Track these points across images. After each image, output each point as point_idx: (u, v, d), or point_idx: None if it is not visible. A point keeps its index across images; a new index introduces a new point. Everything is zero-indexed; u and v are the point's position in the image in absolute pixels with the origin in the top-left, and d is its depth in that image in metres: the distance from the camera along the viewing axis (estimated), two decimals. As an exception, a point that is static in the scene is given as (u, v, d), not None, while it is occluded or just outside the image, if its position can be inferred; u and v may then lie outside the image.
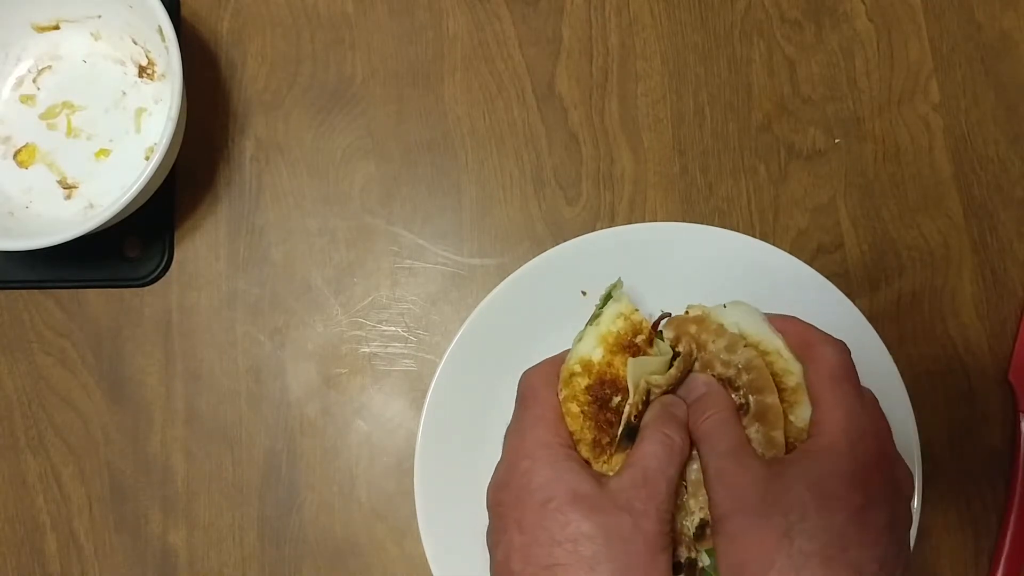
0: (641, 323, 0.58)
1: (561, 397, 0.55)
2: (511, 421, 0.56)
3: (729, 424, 0.52)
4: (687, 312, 0.59)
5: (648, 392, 0.55)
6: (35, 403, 0.71)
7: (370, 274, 0.73)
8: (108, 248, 0.72)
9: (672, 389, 0.56)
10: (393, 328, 0.72)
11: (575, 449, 0.53)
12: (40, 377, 0.71)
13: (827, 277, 0.67)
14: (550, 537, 0.48)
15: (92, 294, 0.72)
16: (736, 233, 0.68)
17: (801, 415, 0.55)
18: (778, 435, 0.54)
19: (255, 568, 0.69)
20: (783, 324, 0.57)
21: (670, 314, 0.64)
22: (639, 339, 0.58)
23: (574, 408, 0.55)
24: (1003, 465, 0.70)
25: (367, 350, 0.72)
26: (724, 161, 0.74)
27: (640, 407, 0.55)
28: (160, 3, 0.66)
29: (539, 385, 0.56)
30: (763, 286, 0.67)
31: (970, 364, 0.72)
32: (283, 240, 0.73)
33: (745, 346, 0.56)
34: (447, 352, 0.66)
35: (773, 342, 0.57)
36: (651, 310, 0.68)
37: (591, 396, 0.55)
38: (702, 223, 0.69)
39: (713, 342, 0.56)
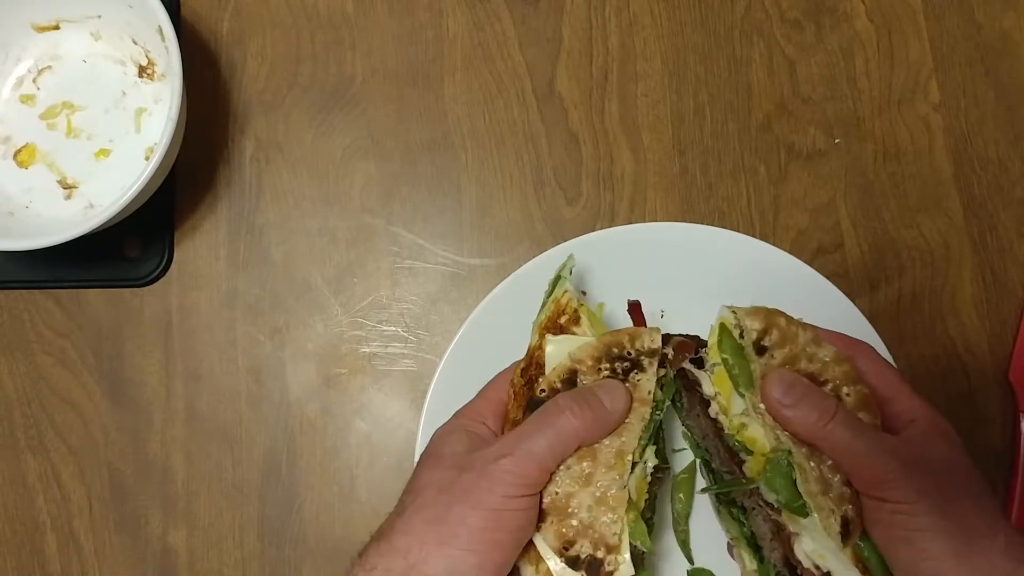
0: (568, 304, 0.59)
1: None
2: None
3: (859, 420, 0.54)
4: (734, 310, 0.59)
5: (573, 373, 0.56)
6: (35, 403, 0.71)
7: (370, 274, 0.73)
8: (108, 248, 0.72)
9: (620, 370, 0.56)
10: (393, 328, 0.72)
11: (488, 424, 0.56)
12: (40, 377, 0.71)
13: (827, 277, 0.67)
14: (408, 487, 0.54)
15: (92, 294, 0.72)
16: (736, 233, 0.68)
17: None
18: (880, 424, 0.55)
19: (255, 568, 0.69)
20: (817, 330, 0.59)
21: (638, 301, 0.64)
22: (562, 320, 0.59)
23: (510, 390, 0.57)
24: (1003, 465, 0.70)
25: (367, 350, 0.72)
26: (724, 161, 0.74)
27: (559, 385, 0.55)
28: (160, 3, 0.66)
29: (494, 380, 0.59)
30: (763, 286, 0.67)
31: (970, 364, 0.72)
32: (283, 240, 0.73)
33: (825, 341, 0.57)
34: (447, 352, 0.66)
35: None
36: (652, 309, 0.68)
37: (523, 378, 0.57)
38: (702, 223, 0.69)
39: (799, 336, 0.57)
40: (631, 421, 0.54)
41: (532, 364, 0.57)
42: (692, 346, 0.61)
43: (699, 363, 0.61)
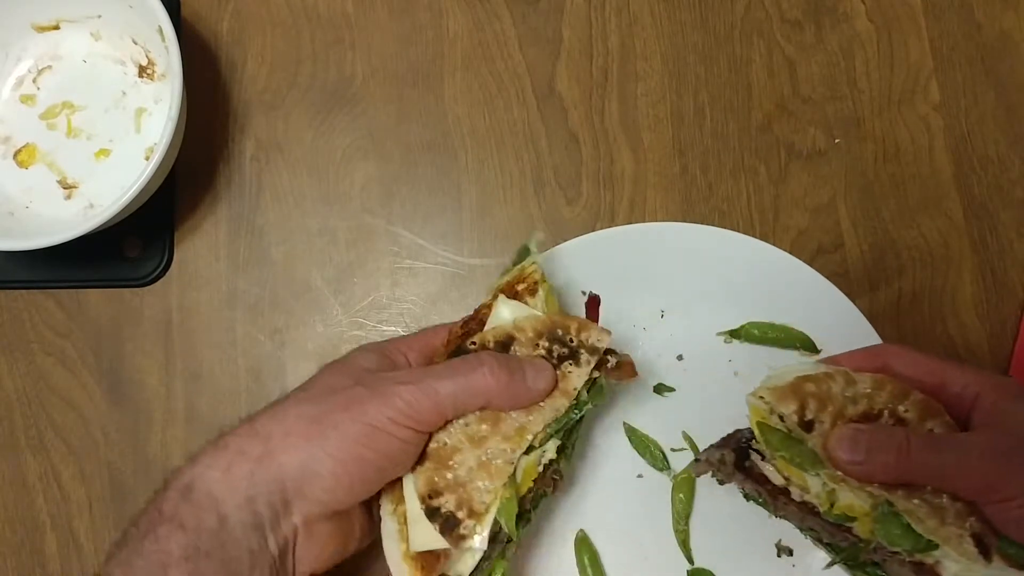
0: (530, 274, 0.59)
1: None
2: None
3: (925, 434, 0.53)
4: (769, 384, 0.56)
5: (510, 339, 0.56)
6: (35, 403, 0.71)
7: (370, 274, 0.73)
8: (108, 248, 0.72)
9: (557, 355, 0.56)
10: (393, 328, 0.72)
11: (408, 360, 0.57)
12: (40, 377, 0.71)
13: (827, 277, 0.67)
14: (303, 384, 0.55)
15: (92, 294, 0.72)
16: (736, 233, 0.68)
17: None
18: (950, 419, 0.54)
19: (255, 568, 0.69)
20: (838, 361, 0.58)
21: (598, 297, 0.64)
22: (520, 287, 0.59)
23: (445, 338, 0.58)
24: (1003, 465, 0.70)
25: (367, 350, 0.72)
26: (724, 161, 0.74)
27: (489, 345, 0.56)
28: (160, 3, 0.66)
29: (441, 325, 0.61)
30: (763, 286, 0.67)
31: (970, 364, 0.71)
32: (283, 240, 0.73)
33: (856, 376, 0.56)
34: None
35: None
36: (651, 309, 0.68)
37: (461, 329, 0.58)
38: (702, 223, 0.69)
39: (831, 388, 0.55)
40: (544, 406, 0.54)
41: (475, 319, 0.58)
42: (633, 369, 0.59)
43: (744, 453, 0.60)
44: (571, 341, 0.56)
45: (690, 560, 0.65)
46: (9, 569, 0.69)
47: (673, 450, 0.67)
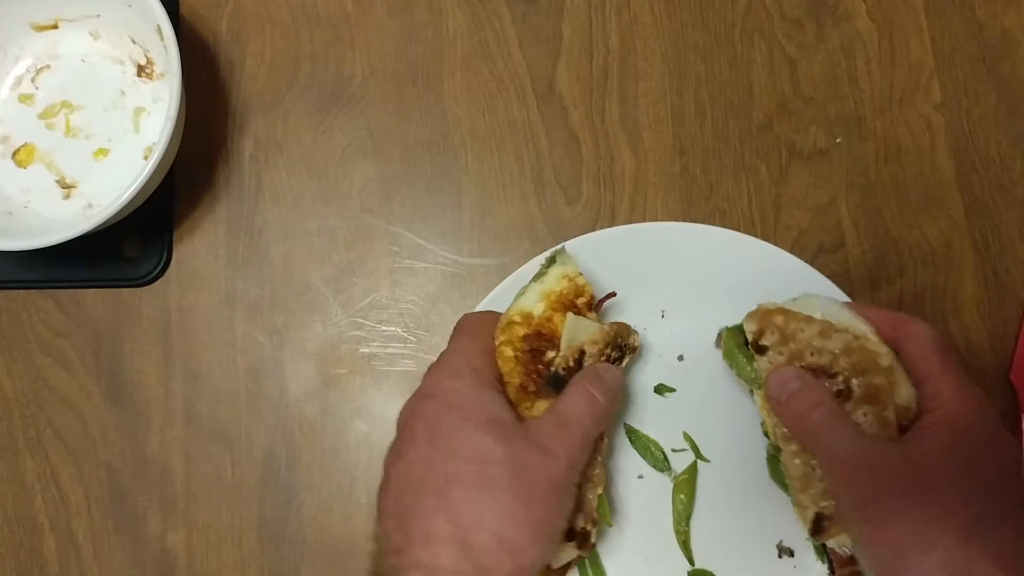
0: (584, 286, 0.61)
1: (497, 342, 0.58)
2: (441, 354, 0.57)
3: (840, 413, 0.53)
4: (762, 307, 0.60)
5: (582, 353, 0.58)
6: (34, 404, 0.71)
7: (370, 274, 0.73)
8: (107, 248, 0.72)
9: (612, 358, 0.60)
10: (393, 328, 0.72)
11: (502, 386, 0.55)
12: (39, 377, 0.71)
13: (828, 277, 0.66)
14: (457, 453, 0.49)
15: (91, 294, 0.72)
16: (737, 232, 0.68)
17: (902, 395, 0.56)
18: (890, 414, 0.55)
19: (254, 569, 0.69)
20: (864, 312, 0.58)
21: (614, 293, 0.65)
22: (580, 301, 0.61)
23: (508, 352, 0.57)
24: (1005, 466, 0.70)
25: (367, 350, 0.72)
26: (725, 161, 0.74)
27: (571, 363, 0.58)
28: (159, 2, 0.66)
29: (478, 323, 0.58)
30: (765, 286, 0.67)
31: (971, 364, 0.71)
32: (282, 240, 0.73)
33: (837, 332, 0.57)
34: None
35: (859, 327, 0.58)
36: (651, 309, 0.68)
37: (527, 345, 0.58)
38: (703, 223, 0.69)
39: (803, 331, 0.58)
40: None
41: (536, 333, 0.58)
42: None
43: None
44: (623, 345, 0.61)
45: (691, 561, 0.65)
46: (8, 570, 0.69)
47: (674, 451, 0.66)
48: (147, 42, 0.72)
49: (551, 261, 0.63)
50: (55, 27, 0.73)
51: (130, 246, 0.72)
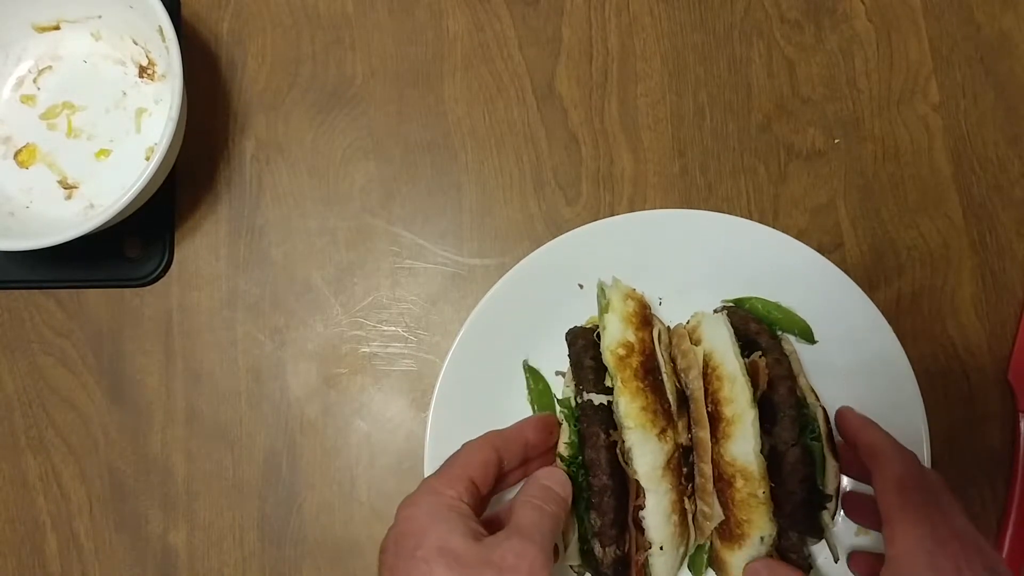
0: (642, 297, 0.65)
1: (619, 382, 0.60)
2: None
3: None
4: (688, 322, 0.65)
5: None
6: (35, 403, 0.71)
7: (370, 274, 0.73)
8: (108, 248, 0.72)
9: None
10: (393, 328, 0.72)
11: (466, 503, 0.53)
12: (40, 377, 0.71)
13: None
14: None
15: (92, 294, 0.72)
16: (733, 217, 0.68)
17: (733, 450, 0.59)
18: (705, 467, 0.60)
19: (255, 568, 0.69)
20: (855, 426, 0.58)
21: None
22: (648, 312, 0.64)
23: (638, 385, 0.59)
24: (1003, 465, 0.71)
25: (367, 350, 0.72)
26: (724, 161, 0.74)
27: (674, 375, 0.63)
28: (161, 3, 0.66)
29: (468, 444, 0.57)
30: (764, 268, 0.67)
31: (969, 364, 0.72)
32: (283, 240, 0.73)
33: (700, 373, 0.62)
34: (451, 350, 0.66)
35: (731, 365, 0.61)
36: (649, 296, 0.68)
37: (644, 370, 0.60)
38: (702, 223, 0.69)
39: (682, 357, 0.63)
40: None
41: (647, 357, 0.62)
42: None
43: None
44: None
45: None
46: (9, 569, 0.69)
47: None
48: (149, 43, 0.72)
49: (603, 293, 0.65)
50: (57, 28, 0.73)
51: (131, 246, 0.72)
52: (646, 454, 0.58)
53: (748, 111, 0.75)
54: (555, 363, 0.68)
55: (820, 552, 0.64)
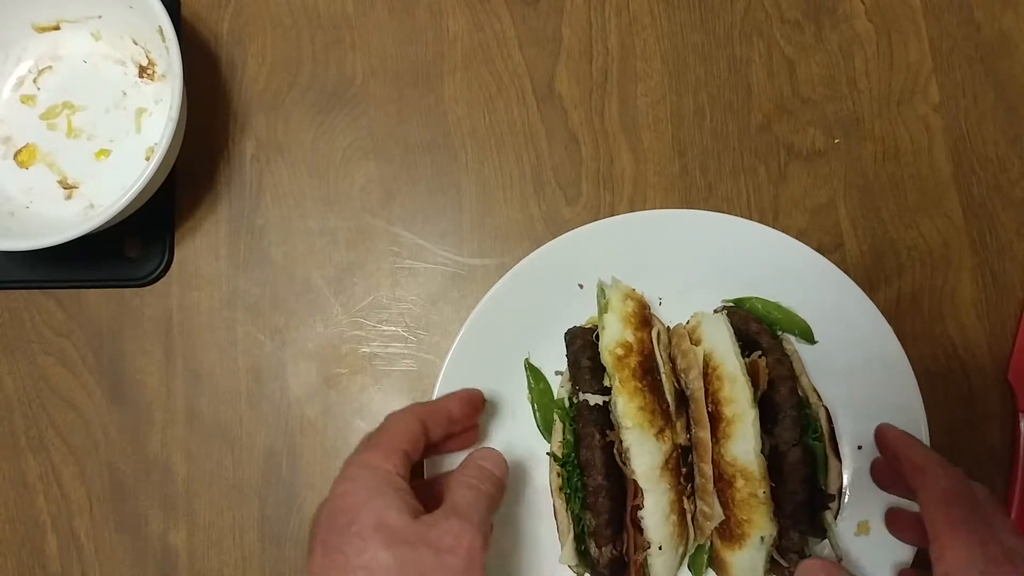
0: (642, 298, 0.65)
1: (616, 381, 0.59)
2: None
3: None
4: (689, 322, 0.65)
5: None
6: (35, 403, 0.71)
7: (370, 274, 0.73)
8: (108, 248, 0.72)
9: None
10: (393, 328, 0.72)
11: (401, 475, 0.53)
12: (41, 377, 0.71)
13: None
14: (347, 561, 0.48)
15: (92, 294, 0.72)
16: (733, 217, 0.68)
17: (733, 450, 0.59)
18: (706, 467, 0.60)
19: (255, 568, 0.69)
20: (897, 443, 0.57)
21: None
22: (647, 312, 0.64)
23: (636, 385, 0.59)
24: (1003, 465, 0.71)
25: (367, 350, 0.72)
26: (724, 161, 0.74)
27: (672, 375, 0.62)
28: (160, 3, 0.66)
29: (394, 416, 0.57)
30: (765, 269, 0.67)
31: (969, 364, 0.72)
32: (283, 240, 0.73)
33: (700, 373, 0.62)
34: (451, 350, 0.66)
35: (731, 365, 0.61)
36: (649, 296, 0.68)
37: (642, 370, 0.60)
38: (702, 223, 0.69)
39: (682, 358, 0.63)
40: None
41: (646, 357, 0.62)
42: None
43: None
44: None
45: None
46: (10, 569, 0.69)
47: None
48: (149, 43, 0.72)
49: (602, 293, 0.65)
50: (57, 28, 0.73)
51: (132, 246, 0.72)
52: (644, 454, 0.58)
53: (748, 111, 0.75)
54: (555, 363, 0.68)
55: (820, 552, 0.64)
